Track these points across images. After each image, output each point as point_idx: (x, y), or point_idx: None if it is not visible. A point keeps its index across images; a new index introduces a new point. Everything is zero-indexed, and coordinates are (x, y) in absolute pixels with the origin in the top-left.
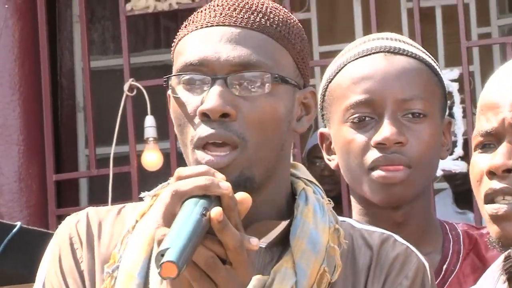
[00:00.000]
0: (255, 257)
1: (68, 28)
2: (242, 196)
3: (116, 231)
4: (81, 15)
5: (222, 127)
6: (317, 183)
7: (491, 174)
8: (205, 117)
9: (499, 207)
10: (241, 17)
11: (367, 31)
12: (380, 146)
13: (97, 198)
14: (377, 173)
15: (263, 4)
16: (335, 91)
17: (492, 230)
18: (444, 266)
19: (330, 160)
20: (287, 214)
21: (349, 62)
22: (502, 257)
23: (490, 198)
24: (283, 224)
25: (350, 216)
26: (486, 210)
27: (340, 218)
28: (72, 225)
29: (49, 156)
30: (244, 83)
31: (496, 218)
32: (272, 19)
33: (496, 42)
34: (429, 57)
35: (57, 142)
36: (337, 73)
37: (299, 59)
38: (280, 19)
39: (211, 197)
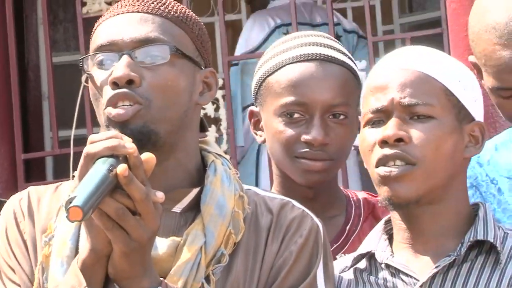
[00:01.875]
0: (172, 220)
1: (34, 30)
2: (147, 155)
3: (52, 205)
4: (44, 18)
5: (129, 90)
6: (225, 156)
7: (384, 143)
8: (114, 85)
9: (391, 170)
10: (143, 5)
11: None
12: (308, 142)
13: (61, 174)
14: (302, 162)
15: None
16: (273, 86)
17: (382, 191)
18: (347, 227)
19: (256, 135)
20: (198, 183)
21: (288, 64)
22: (383, 221)
23: (382, 162)
24: (194, 191)
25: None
26: (378, 172)
27: (246, 187)
28: (15, 202)
29: (18, 138)
30: (147, 55)
31: (388, 179)
32: (170, 7)
33: (398, 38)
34: (352, 60)
35: (25, 126)
36: (276, 70)
37: (198, 42)
38: (179, 8)
39: (118, 157)
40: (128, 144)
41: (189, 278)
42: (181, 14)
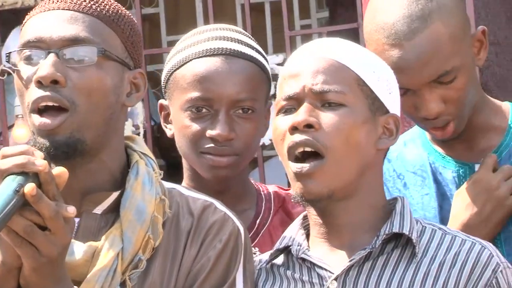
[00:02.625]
0: (93, 222)
1: None
2: (58, 170)
3: None
4: None
5: (53, 91)
6: (151, 155)
7: (294, 129)
8: (39, 83)
9: (303, 166)
10: (75, 3)
11: (206, 23)
12: (213, 138)
13: None
14: (208, 157)
15: None
16: (179, 81)
17: (296, 186)
18: (258, 221)
19: (166, 128)
20: (121, 184)
21: (194, 58)
22: (301, 216)
23: (292, 151)
24: (114, 195)
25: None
26: (291, 168)
27: (170, 186)
28: None
29: None
30: (74, 56)
31: (300, 175)
32: (103, 6)
33: (315, 32)
34: (260, 54)
35: None
36: (183, 65)
37: (128, 43)
38: (111, 7)
39: (28, 174)
40: (39, 161)
41: (104, 284)
42: (113, 14)
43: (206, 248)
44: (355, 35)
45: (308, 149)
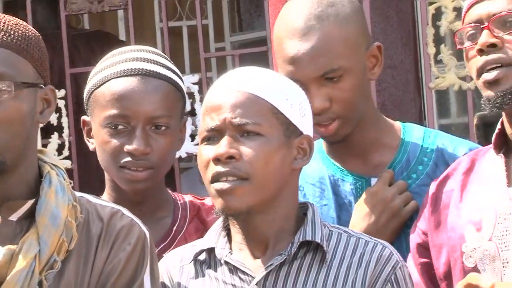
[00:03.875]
0: (9, 228)
1: None
2: None
3: None
4: None
5: None
6: (61, 166)
7: (217, 160)
8: None
9: (223, 185)
10: None
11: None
12: (130, 152)
13: None
14: (126, 172)
15: (4, 22)
16: (99, 99)
17: (217, 203)
18: (174, 228)
19: (89, 142)
20: (35, 193)
21: (113, 78)
22: (221, 218)
23: (216, 179)
24: (30, 202)
25: None
26: (214, 187)
27: (79, 194)
28: None
29: None
30: None
31: (221, 193)
32: (13, 35)
33: (228, 54)
34: (175, 74)
35: None
36: (102, 84)
37: (38, 65)
38: (20, 33)
39: None
40: None
41: (24, 285)
42: (23, 40)
43: (116, 251)
44: (265, 57)
45: (230, 178)
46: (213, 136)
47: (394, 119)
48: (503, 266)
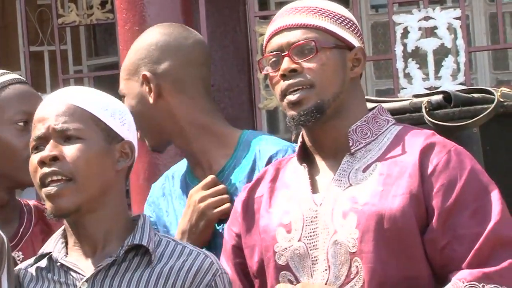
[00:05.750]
0: None
1: None
2: None
3: None
4: None
5: None
6: None
7: (42, 163)
8: None
9: (51, 189)
10: None
11: None
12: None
13: None
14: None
15: None
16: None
17: (48, 206)
18: (21, 230)
19: None
20: None
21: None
22: (62, 227)
23: (43, 181)
24: None
25: None
26: (43, 192)
27: None
28: None
29: None
30: None
31: (49, 197)
32: None
33: (84, 76)
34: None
35: None
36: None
37: None
38: None
39: None
40: None
41: None
42: None
43: None
44: (117, 79)
45: (55, 177)
46: (40, 145)
47: None
48: (313, 264)
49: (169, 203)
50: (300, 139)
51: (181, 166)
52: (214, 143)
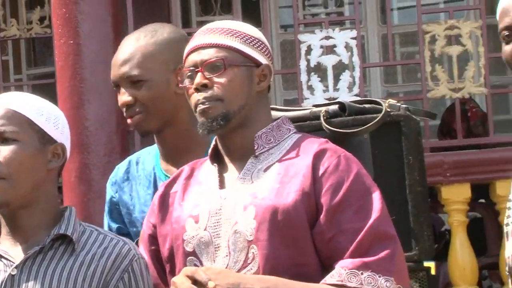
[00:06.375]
0: None
1: None
2: None
3: None
4: None
5: None
6: None
7: None
8: None
9: None
10: None
11: None
12: None
13: None
14: None
15: None
16: None
17: None
18: None
19: None
20: None
21: None
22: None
23: None
24: None
25: None
26: None
27: None
28: None
29: None
30: None
31: None
32: None
33: (24, 84)
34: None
35: None
36: None
37: None
38: None
39: None
40: None
41: None
42: None
43: None
44: (53, 87)
45: None
46: None
47: None
48: (215, 250)
49: (133, 187)
50: (213, 143)
51: (145, 153)
52: (193, 142)
